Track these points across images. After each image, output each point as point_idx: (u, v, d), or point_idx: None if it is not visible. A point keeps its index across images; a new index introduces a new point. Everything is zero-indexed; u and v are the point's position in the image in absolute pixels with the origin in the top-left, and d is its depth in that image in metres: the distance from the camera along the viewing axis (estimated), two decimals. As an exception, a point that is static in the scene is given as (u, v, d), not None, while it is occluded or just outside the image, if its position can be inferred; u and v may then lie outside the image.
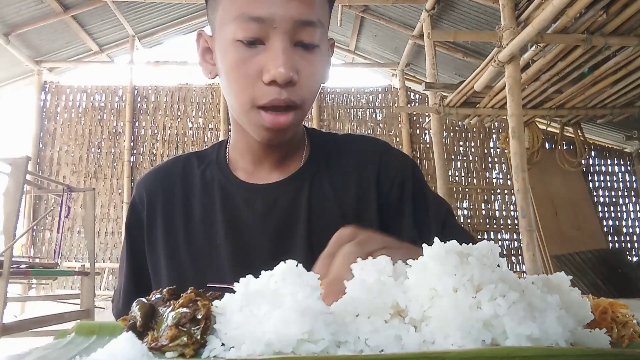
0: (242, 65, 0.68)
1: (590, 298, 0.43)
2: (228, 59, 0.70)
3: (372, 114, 8.47)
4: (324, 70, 0.74)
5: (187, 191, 0.84)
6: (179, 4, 7.13)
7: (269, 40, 0.67)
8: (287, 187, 0.81)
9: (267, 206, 0.79)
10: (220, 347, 0.38)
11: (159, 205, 0.83)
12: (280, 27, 0.66)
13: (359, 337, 0.36)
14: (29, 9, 6.32)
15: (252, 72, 0.68)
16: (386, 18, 7.13)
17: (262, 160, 0.82)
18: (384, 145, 0.88)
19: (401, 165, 0.85)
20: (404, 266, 0.42)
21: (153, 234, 0.83)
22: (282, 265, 0.42)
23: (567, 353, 0.32)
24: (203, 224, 0.81)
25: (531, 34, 3.29)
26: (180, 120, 8.23)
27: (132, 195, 0.88)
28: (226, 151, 0.86)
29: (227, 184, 0.82)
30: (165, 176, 0.86)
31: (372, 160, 0.84)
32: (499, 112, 5.13)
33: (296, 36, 0.68)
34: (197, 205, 0.82)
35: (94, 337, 0.43)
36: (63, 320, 3.60)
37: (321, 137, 0.89)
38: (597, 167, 8.11)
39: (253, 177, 0.82)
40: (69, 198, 4.12)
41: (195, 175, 0.85)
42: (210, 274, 0.77)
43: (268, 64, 0.66)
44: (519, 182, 3.46)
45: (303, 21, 0.67)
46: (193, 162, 0.87)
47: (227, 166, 0.84)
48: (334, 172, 0.83)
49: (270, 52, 0.66)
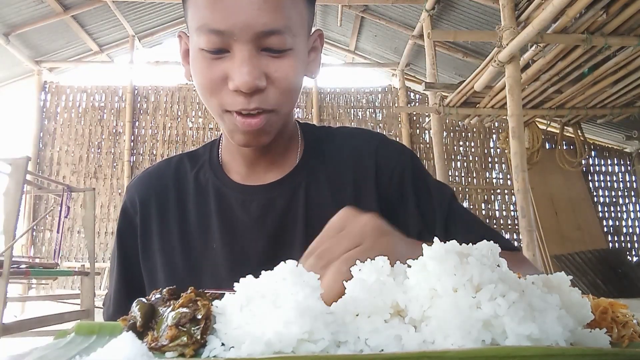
0: (207, 72, 0.67)
1: (590, 298, 0.43)
2: (195, 66, 0.69)
3: (372, 114, 8.48)
4: (300, 70, 0.71)
5: (181, 195, 0.82)
6: (179, 4, 7.13)
7: (233, 49, 0.65)
8: (283, 187, 0.79)
9: (263, 208, 0.78)
10: (220, 347, 0.38)
11: (152, 210, 0.81)
12: (241, 38, 0.64)
13: (359, 337, 0.36)
14: (29, 9, 6.32)
15: (216, 79, 0.66)
16: (386, 18, 7.13)
17: (255, 162, 0.80)
18: (380, 137, 0.86)
19: (399, 155, 0.83)
20: (403, 266, 0.42)
21: (147, 239, 0.81)
22: (282, 265, 0.42)
23: (567, 353, 0.32)
24: (198, 228, 0.79)
25: (531, 34, 3.30)
26: (180, 120, 8.24)
27: (123, 200, 0.85)
28: (218, 152, 0.84)
29: (221, 186, 0.80)
30: (157, 179, 0.84)
31: (368, 153, 0.82)
32: (499, 112, 5.13)
33: (262, 44, 0.65)
34: (191, 209, 0.81)
35: (94, 337, 0.43)
36: (63, 320, 3.60)
37: (315, 131, 0.86)
38: (597, 167, 8.11)
39: (248, 179, 0.80)
40: (69, 198, 4.12)
41: (188, 178, 0.83)
42: (207, 279, 0.76)
43: (232, 72, 0.65)
44: (519, 182, 3.46)
45: (265, 32, 0.64)
46: (185, 163, 0.85)
47: (220, 168, 0.82)
48: (330, 167, 0.81)
49: (234, 61, 0.65)
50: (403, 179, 0.81)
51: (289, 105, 0.72)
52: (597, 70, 4.10)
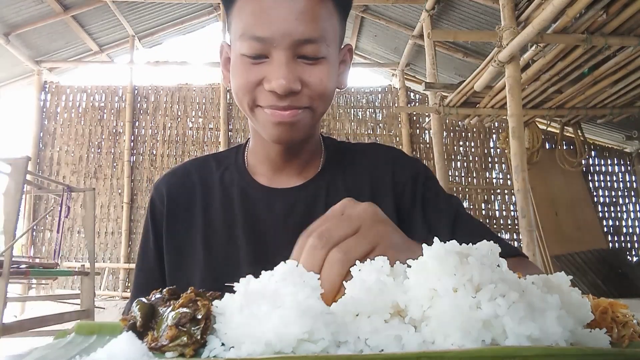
0: (245, 74, 0.72)
1: (590, 298, 0.43)
2: (235, 70, 0.74)
3: (372, 114, 8.47)
4: (333, 77, 0.76)
5: (207, 194, 0.86)
6: (179, 4, 7.14)
7: (271, 55, 0.70)
8: (305, 191, 0.83)
9: (286, 208, 0.82)
10: (220, 347, 0.38)
11: (179, 206, 0.85)
12: (280, 45, 0.69)
13: (359, 337, 0.36)
14: (29, 9, 6.32)
15: (254, 79, 0.72)
16: (386, 18, 7.13)
17: (281, 167, 0.84)
18: (398, 152, 0.92)
19: (413, 168, 0.88)
20: (403, 266, 0.42)
21: (172, 234, 0.84)
22: (282, 265, 0.42)
23: (567, 353, 0.32)
24: (223, 226, 0.82)
25: (531, 34, 3.30)
26: (180, 120, 8.23)
27: (151, 196, 0.89)
28: (244, 155, 0.89)
29: (246, 187, 0.84)
30: (184, 177, 0.88)
31: (385, 165, 0.87)
32: (499, 112, 5.13)
33: (298, 51, 0.70)
34: (216, 208, 0.84)
35: (94, 337, 0.43)
36: (63, 320, 3.61)
37: (336, 144, 0.92)
38: (597, 167, 8.10)
39: (272, 182, 0.85)
40: (69, 198, 4.11)
41: (214, 179, 0.87)
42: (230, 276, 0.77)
43: (269, 75, 0.70)
44: (519, 182, 3.46)
45: (302, 40, 0.69)
46: (211, 164, 0.89)
47: (246, 170, 0.87)
48: (349, 178, 0.86)
49: (272, 65, 0.70)
50: (415, 187, 0.85)
51: (321, 106, 0.76)
52: (597, 70, 4.10)
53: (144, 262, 0.86)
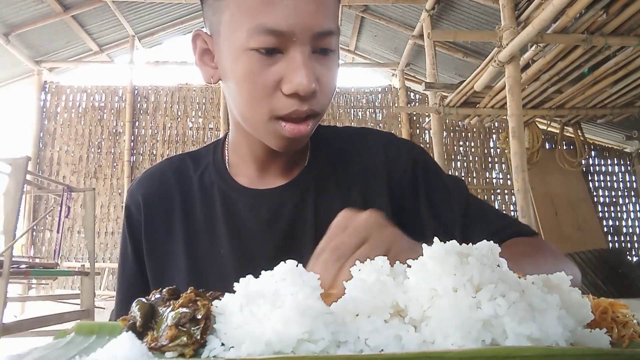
0: (258, 75, 0.63)
1: (590, 298, 0.43)
2: (240, 68, 0.64)
3: (372, 114, 8.47)
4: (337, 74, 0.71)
5: (186, 197, 0.80)
6: (179, 4, 7.13)
7: (288, 51, 0.63)
8: (292, 191, 0.77)
9: (272, 212, 0.76)
10: (220, 347, 0.38)
11: (157, 212, 0.80)
12: (300, 39, 0.62)
13: (359, 337, 0.36)
14: (29, 9, 6.32)
15: (269, 82, 0.63)
16: (386, 18, 7.13)
17: (268, 165, 0.78)
18: (389, 136, 0.85)
19: (409, 152, 0.81)
20: (403, 266, 0.42)
21: (152, 242, 0.79)
22: (282, 265, 0.42)
23: (567, 353, 0.32)
24: (205, 232, 0.77)
25: (531, 34, 3.29)
26: (180, 120, 8.23)
27: (126, 203, 0.82)
28: (223, 153, 0.82)
29: (228, 190, 0.78)
30: (160, 181, 0.82)
31: (377, 153, 0.81)
32: (499, 112, 5.13)
33: (316, 45, 0.64)
34: (197, 212, 0.78)
35: (94, 337, 0.43)
36: (63, 320, 3.61)
37: (321, 130, 0.83)
38: (597, 167, 8.11)
39: (256, 182, 0.78)
40: (69, 198, 4.12)
41: (192, 181, 0.81)
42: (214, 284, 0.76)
43: (289, 75, 0.62)
44: (519, 182, 3.46)
45: (321, 33, 0.63)
46: (188, 165, 0.83)
47: (226, 170, 0.80)
48: (339, 168, 0.80)
49: (291, 63, 0.62)
50: (415, 174, 0.79)
51: (327, 108, 0.71)
52: (597, 70, 4.09)
53: (124, 271, 0.81)
